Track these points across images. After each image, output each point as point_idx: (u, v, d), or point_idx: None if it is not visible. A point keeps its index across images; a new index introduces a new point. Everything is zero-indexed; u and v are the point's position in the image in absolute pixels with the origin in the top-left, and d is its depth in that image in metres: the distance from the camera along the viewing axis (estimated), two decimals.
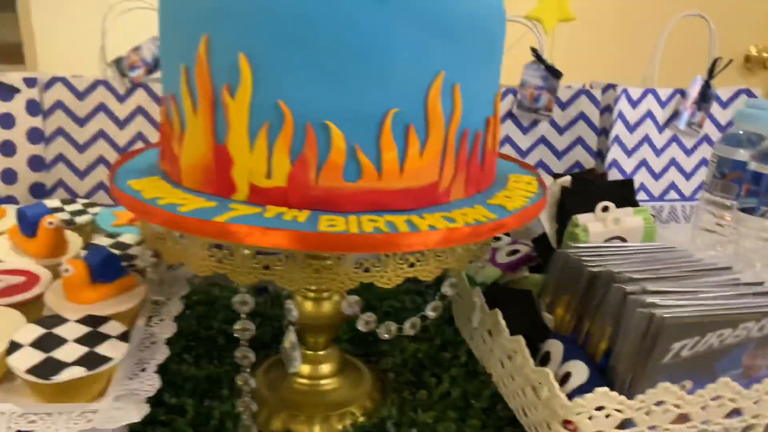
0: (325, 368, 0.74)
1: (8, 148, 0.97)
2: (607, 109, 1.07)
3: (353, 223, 0.52)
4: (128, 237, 0.77)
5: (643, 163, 1.09)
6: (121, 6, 0.94)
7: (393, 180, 0.55)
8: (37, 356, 0.53)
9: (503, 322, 0.69)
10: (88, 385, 0.53)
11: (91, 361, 0.53)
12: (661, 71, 1.07)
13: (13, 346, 0.54)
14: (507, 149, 1.07)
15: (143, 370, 0.56)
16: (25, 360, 0.52)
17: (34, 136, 0.97)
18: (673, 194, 1.10)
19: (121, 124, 0.97)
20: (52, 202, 0.86)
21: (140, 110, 0.97)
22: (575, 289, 0.69)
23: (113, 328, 0.58)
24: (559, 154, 1.07)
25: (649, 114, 1.07)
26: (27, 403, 0.53)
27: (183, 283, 0.71)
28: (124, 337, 0.57)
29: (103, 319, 0.59)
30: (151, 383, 0.54)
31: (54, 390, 0.52)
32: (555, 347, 0.68)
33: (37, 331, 0.56)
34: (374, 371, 0.77)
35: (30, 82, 0.96)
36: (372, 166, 0.53)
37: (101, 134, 0.97)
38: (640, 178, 1.09)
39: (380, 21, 0.51)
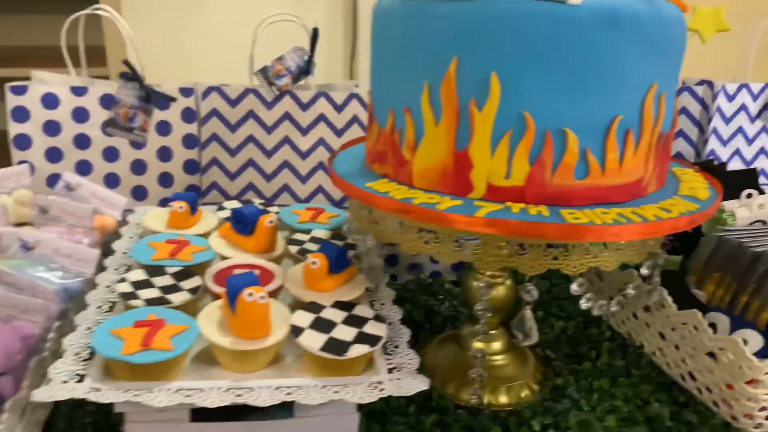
0: (496, 346, 0.83)
1: (165, 154, 1.05)
2: (702, 104, 1.16)
3: (590, 215, 0.60)
4: (320, 232, 0.86)
5: (737, 152, 1.18)
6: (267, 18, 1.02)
7: (613, 177, 0.63)
8: (321, 337, 0.61)
9: (669, 299, 0.79)
10: (361, 361, 0.62)
11: (366, 339, 0.62)
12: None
13: (296, 330, 0.62)
14: None
15: (396, 347, 0.65)
16: (313, 340, 0.61)
17: (189, 141, 1.05)
18: (762, 179, 1.20)
19: (269, 129, 1.05)
20: (230, 204, 0.94)
21: (287, 116, 1.05)
22: (733, 268, 0.78)
23: (363, 311, 0.67)
24: None
25: (743, 107, 1.16)
26: (301, 378, 0.61)
27: (382, 272, 0.80)
28: (379, 318, 0.66)
29: (351, 305, 0.68)
30: (412, 358, 0.63)
31: (337, 365, 0.60)
32: (719, 319, 0.77)
33: (307, 316, 0.65)
34: (534, 353, 0.86)
35: (186, 92, 1.04)
36: (598, 165, 0.62)
37: (251, 139, 1.06)
38: (733, 165, 1.19)
39: (613, 42, 0.59)
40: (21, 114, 0.98)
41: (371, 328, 0.64)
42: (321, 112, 1.06)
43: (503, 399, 0.77)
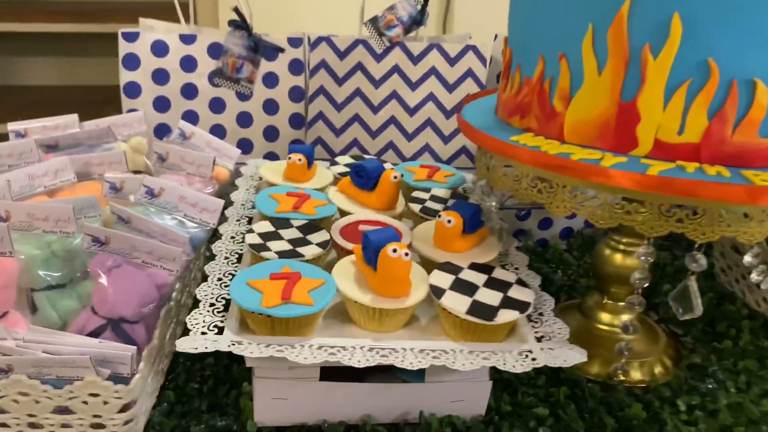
0: (625, 318, 0.77)
1: (271, 107, 1.02)
2: None
3: None
4: (439, 191, 0.81)
5: None
6: None
7: None
8: (464, 300, 0.57)
9: None
10: (504, 327, 0.58)
11: (513, 304, 0.57)
12: None
13: (437, 290, 0.58)
14: None
15: (541, 314, 0.61)
16: (457, 303, 0.57)
17: (296, 94, 1.02)
18: None
19: (377, 82, 1.01)
20: (343, 159, 0.91)
21: (396, 69, 1.00)
22: None
23: (504, 275, 0.62)
24: None
25: None
26: (446, 342, 0.57)
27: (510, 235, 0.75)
28: (522, 282, 0.61)
29: (489, 267, 0.63)
30: (561, 327, 0.59)
31: (480, 330, 0.56)
32: None
33: (445, 276, 0.60)
34: (663, 329, 0.79)
35: (294, 42, 1.00)
36: None
37: (357, 93, 1.01)
38: None
39: None
40: (132, 61, 0.97)
41: (516, 293, 0.60)
42: (432, 65, 1.00)
43: (636, 375, 0.72)
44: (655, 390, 0.69)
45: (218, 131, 1.01)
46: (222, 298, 0.59)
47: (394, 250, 0.55)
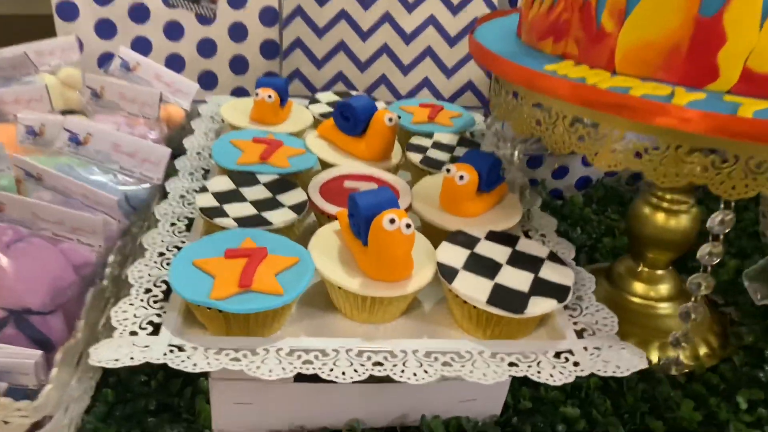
0: (663, 289, 0.64)
1: (239, 32, 0.85)
2: None
3: None
4: (443, 136, 0.66)
5: None
6: None
7: None
8: (484, 284, 0.43)
9: None
10: (535, 318, 0.44)
11: (547, 289, 0.44)
12: None
13: (448, 271, 0.44)
14: None
15: (579, 298, 0.47)
16: (475, 288, 0.43)
17: (268, 17, 0.85)
18: None
19: (366, 2, 0.84)
20: (326, 96, 0.75)
21: None
22: None
23: (532, 246, 0.48)
24: None
25: None
26: (458, 341, 0.44)
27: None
28: (555, 258, 0.47)
29: (512, 237, 0.49)
30: (607, 316, 0.45)
31: (503, 322, 0.43)
32: None
33: (457, 251, 0.46)
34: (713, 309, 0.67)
35: None
36: None
37: (343, 15, 0.84)
38: None
39: None
40: None
41: (550, 272, 0.46)
42: None
43: (673, 353, 0.59)
44: (702, 378, 0.57)
45: (175, 62, 0.84)
46: (163, 281, 0.45)
47: (392, 221, 0.40)
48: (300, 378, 0.44)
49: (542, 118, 0.50)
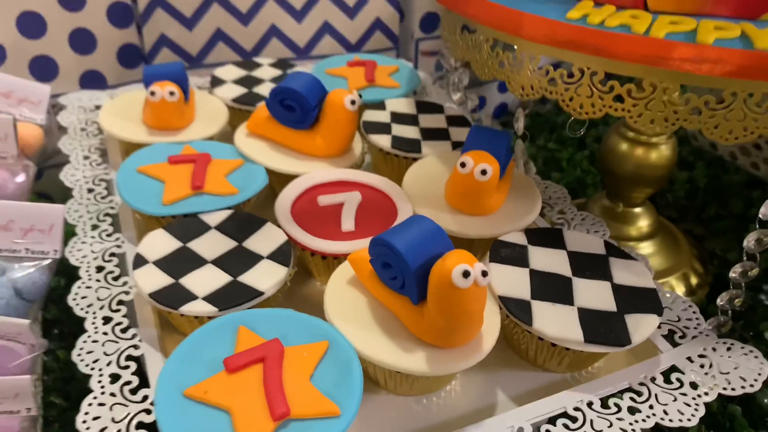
0: (644, 227, 0.60)
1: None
2: None
3: None
4: (396, 103, 0.53)
5: None
6: None
7: None
8: (569, 316, 0.34)
9: None
10: None
11: (635, 300, 0.35)
12: None
13: (517, 307, 0.34)
14: None
15: None
16: (560, 326, 0.33)
17: None
18: None
19: None
20: (231, 72, 0.58)
21: None
22: None
23: (584, 242, 0.39)
24: None
25: None
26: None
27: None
28: (615, 250, 0.39)
29: (556, 233, 0.40)
30: (693, 313, 0.38)
31: (585, 355, 0.34)
32: None
33: (515, 274, 0.36)
34: (687, 237, 0.63)
35: None
36: None
37: None
38: None
39: None
40: None
41: (623, 273, 0.37)
42: None
43: None
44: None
45: None
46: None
47: (466, 274, 0.29)
48: None
49: (558, 76, 0.40)
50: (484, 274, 0.30)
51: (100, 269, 0.38)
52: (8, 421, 0.28)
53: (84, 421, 0.29)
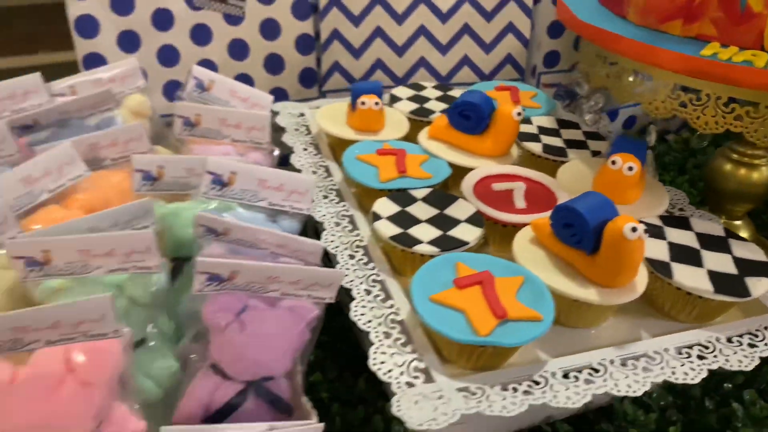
0: None
1: (271, 29, 0.80)
2: None
3: None
4: (540, 120, 0.66)
5: None
6: None
7: None
8: (697, 273, 0.46)
9: None
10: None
11: (750, 269, 0.46)
12: None
13: (660, 265, 0.46)
14: None
15: None
16: (695, 279, 0.45)
17: (301, 9, 0.80)
18: None
19: None
20: (402, 91, 0.73)
21: None
22: None
23: (706, 227, 0.51)
24: None
25: None
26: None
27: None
28: (733, 235, 0.50)
29: (684, 220, 0.51)
30: None
31: (705, 309, 0.45)
32: None
33: (657, 243, 0.48)
34: None
35: None
36: None
37: (377, 1, 0.81)
38: None
39: None
40: None
41: (741, 250, 0.49)
42: None
43: None
44: None
45: (207, 68, 0.78)
46: (393, 321, 0.43)
47: (634, 230, 0.41)
48: None
49: (688, 100, 0.53)
50: (645, 231, 0.42)
51: (337, 224, 0.52)
52: (312, 308, 0.42)
53: (356, 311, 0.43)
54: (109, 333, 0.33)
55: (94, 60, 0.74)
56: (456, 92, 0.73)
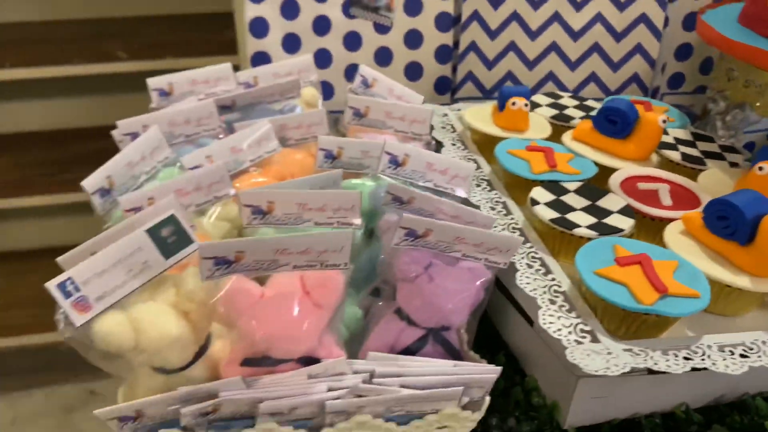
0: None
1: (414, 39, 0.87)
2: None
3: None
4: (675, 132, 0.70)
5: None
6: None
7: None
8: None
9: None
10: None
11: None
12: None
13: None
14: None
15: None
16: None
17: (444, 21, 0.87)
18: None
19: (536, 3, 0.87)
20: (542, 98, 0.78)
21: None
22: None
23: None
24: None
25: None
26: None
27: None
28: None
29: None
30: None
31: None
32: None
33: None
34: None
35: None
36: None
37: (514, 17, 0.87)
38: None
39: None
40: None
41: None
42: None
43: None
44: None
45: (352, 72, 0.86)
46: (555, 290, 0.48)
47: None
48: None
49: None
50: None
51: (492, 208, 0.58)
52: (485, 271, 0.47)
53: (521, 280, 0.48)
54: (340, 264, 0.40)
55: (262, 58, 0.83)
56: (591, 103, 0.78)
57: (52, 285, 0.38)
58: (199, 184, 0.52)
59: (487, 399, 0.43)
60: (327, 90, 0.86)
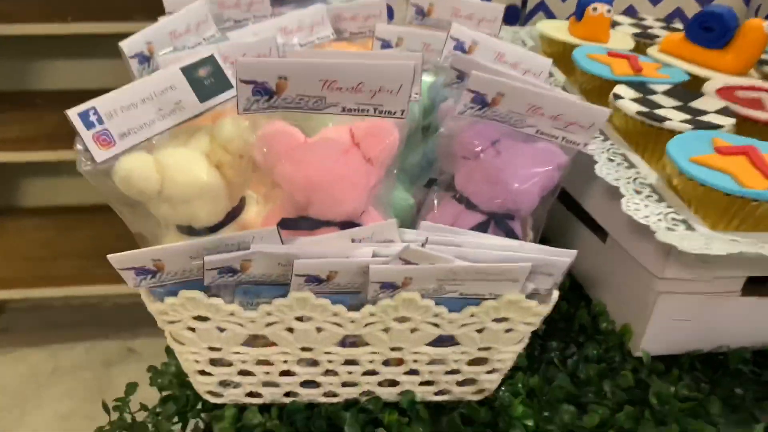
0: None
1: None
2: None
3: None
4: None
5: None
6: None
7: None
8: None
9: None
10: None
11: None
12: None
13: None
14: None
15: None
16: None
17: None
18: None
19: None
20: (623, 18, 0.71)
21: None
22: None
23: None
24: None
25: None
26: None
27: None
28: None
29: None
30: None
31: None
32: None
33: None
34: None
35: None
36: None
37: None
38: None
39: None
40: None
41: None
42: None
43: None
44: None
45: None
46: (639, 182, 0.42)
47: None
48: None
49: None
50: None
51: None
52: (561, 154, 0.41)
53: (601, 170, 0.42)
54: (397, 112, 0.35)
55: None
56: (678, 25, 0.70)
57: (73, 112, 0.34)
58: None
59: (556, 293, 0.37)
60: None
